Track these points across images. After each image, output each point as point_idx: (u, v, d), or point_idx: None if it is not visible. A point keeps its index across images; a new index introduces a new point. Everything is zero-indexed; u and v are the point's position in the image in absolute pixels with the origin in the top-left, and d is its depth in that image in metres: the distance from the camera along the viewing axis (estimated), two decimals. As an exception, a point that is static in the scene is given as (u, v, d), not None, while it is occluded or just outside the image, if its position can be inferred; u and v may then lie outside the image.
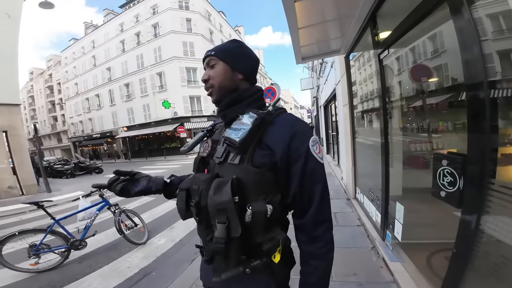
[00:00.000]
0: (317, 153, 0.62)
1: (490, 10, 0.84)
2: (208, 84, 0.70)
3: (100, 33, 25.24)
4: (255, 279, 0.64)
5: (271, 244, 0.60)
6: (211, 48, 0.73)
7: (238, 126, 0.63)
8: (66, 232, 2.68)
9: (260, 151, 0.62)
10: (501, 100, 0.85)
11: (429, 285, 1.44)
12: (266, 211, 0.58)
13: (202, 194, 0.62)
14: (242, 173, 0.60)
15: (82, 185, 9.34)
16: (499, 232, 0.87)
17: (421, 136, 2.03)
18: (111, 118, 24.68)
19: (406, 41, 1.84)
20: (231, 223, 0.57)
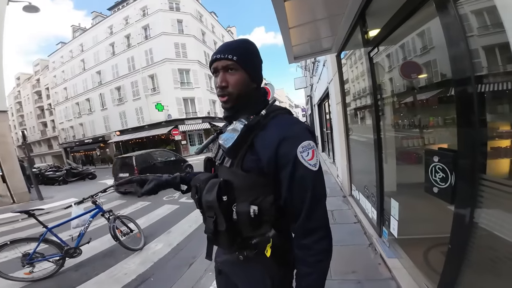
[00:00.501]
0: (307, 159, 0.60)
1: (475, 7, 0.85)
2: (226, 91, 0.68)
3: (88, 36, 24.75)
4: (251, 268, 0.71)
5: (260, 239, 0.66)
6: (225, 48, 0.68)
7: (229, 133, 0.66)
8: (59, 240, 2.64)
9: (250, 156, 0.64)
10: (488, 95, 0.87)
11: (427, 281, 1.44)
12: (248, 211, 0.62)
13: (200, 191, 0.71)
14: (232, 176, 0.66)
15: (76, 191, 9.16)
16: (493, 226, 0.88)
17: (413, 131, 2.06)
18: (103, 123, 24.24)
19: (395, 38, 1.86)
20: (218, 218, 0.65)
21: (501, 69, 0.84)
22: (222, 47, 0.69)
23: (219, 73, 0.69)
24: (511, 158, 0.87)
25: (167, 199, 5.73)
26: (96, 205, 2.94)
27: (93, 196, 2.94)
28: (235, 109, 0.71)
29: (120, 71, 22.22)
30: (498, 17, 0.76)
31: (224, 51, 0.67)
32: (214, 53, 0.70)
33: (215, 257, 0.89)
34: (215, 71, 0.70)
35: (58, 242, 2.62)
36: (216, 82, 0.70)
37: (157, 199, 5.79)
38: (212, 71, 0.72)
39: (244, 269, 0.73)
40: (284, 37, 2.65)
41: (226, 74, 0.68)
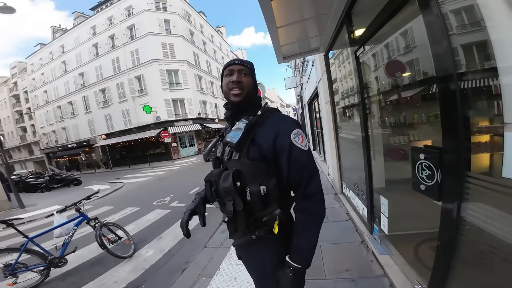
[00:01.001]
0: (299, 142, 0.80)
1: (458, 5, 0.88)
2: (241, 85, 0.87)
3: (70, 37, 23.73)
4: (260, 247, 0.88)
5: (269, 217, 0.80)
6: (240, 59, 0.91)
7: (234, 131, 0.84)
8: (42, 250, 2.54)
9: (253, 147, 0.82)
10: (469, 91, 0.90)
11: (418, 277, 1.46)
12: (259, 191, 0.79)
13: (216, 183, 0.86)
14: (241, 166, 0.82)
15: (60, 198, 8.77)
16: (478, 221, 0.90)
17: (399, 129, 2.12)
18: (88, 126, 23.31)
19: (380, 37, 1.91)
20: (235, 201, 0.81)
21: (480, 66, 0.87)
22: (237, 58, 0.92)
23: (234, 73, 0.88)
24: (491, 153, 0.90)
25: (158, 204, 5.58)
26: (80, 212, 2.84)
27: (76, 204, 2.84)
28: (241, 106, 0.89)
29: (104, 72, 21.44)
30: (479, 15, 0.79)
31: (240, 60, 0.91)
32: (232, 60, 0.91)
33: (233, 244, 1.03)
34: (230, 72, 0.89)
35: (41, 252, 2.53)
36: (228, 80, 0.88)
37: (147, 204, 5.64)
38: (226, 73, 0.90)
39: (254, 249, 0.89)
40: (272, 36, 2.66)
41: (240, 75, 0.88)
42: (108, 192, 8.39)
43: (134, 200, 6.55)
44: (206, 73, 24.55)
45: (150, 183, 9.40)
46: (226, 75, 0.90)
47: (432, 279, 1.21)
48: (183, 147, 20.37)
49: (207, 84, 24.51)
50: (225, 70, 0.91)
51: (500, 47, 0.74)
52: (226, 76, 0.89)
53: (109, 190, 8.72)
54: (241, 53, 46.51)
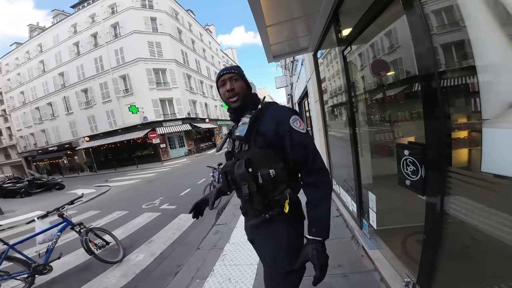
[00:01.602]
0: (297, 126, 0.91)
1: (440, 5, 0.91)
2: (235, 92, 0.99)
3: (48, 36, 22.43)
4: (274, 226, 0.97)
5: (281, 197, 0.90)
6: (227, 68, 1.03)
7: (241, 126, 0.98)
8: (25, 257, 2.44)
9: (259, 137, 0.93)
10: (450, 89, 0.95)
11: (407, 271, 1.49)
12: (268, 173, 0.90)
13: (232, 172, 0.96)
14: (251, 154, 0.93)
15: (41, 204, 8.35)
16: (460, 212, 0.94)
17: (384, 126, 2.20)
18: (69, 128, 22.19)
19: (366, 37, 1.96)
20: (249, 184, 0.91)
21: (459, 65, 0.92)
22: (225, 68, 1.03)
23: (226, 83, 1.00)
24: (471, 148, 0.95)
25: (147, 207, 5.44)
26: (64, 218, 2.73)
27: (59, 209, 2.73)
28: (241, 108, 1.02)
29: (86, 72, 20.49)
30: (458, 15, 0.83)
31: (228, 69, 1.02)
32: (221, 71, 1.02)
33: (245, 228, 1.17)
34: (223, 83, 1.01)
35: (24, 259, 2.43)
36: (224, 90, 1.00)
37: (136, 208, 5.48)
38: (220, 84, 1.03)
39: (268, 228, 0.98)
40: (262, 35, 2.66)
41: (232, 82, 0.99)
42: (93, 196, 8.06)
43: (121, 203, 6.34)
44: (195, 72, 24.14)
45: (139, 186, 9.13)
46: (220, 86, 1.02)
47: (420, 272, 1.24)
48: (172, 148, 19.93)
49: (197, 83, 24.12)
50: (218, 82, 1.03)
51: (478, 46, 0.78)
52: (221, 87, 1.02)
53: (94, 194, 8.38)
54: (231, 52, 46.12)
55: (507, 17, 0.66)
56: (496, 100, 0.75)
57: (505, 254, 0.80)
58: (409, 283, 1.39)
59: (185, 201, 5.39)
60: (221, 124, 29.36)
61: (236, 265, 2.24)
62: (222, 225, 3.34)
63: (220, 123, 28.77)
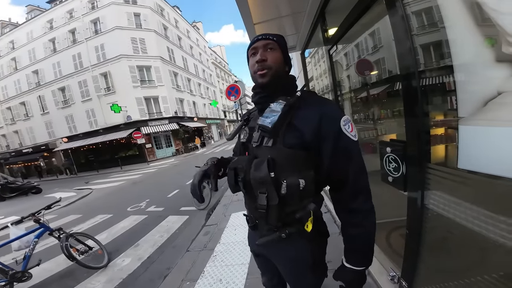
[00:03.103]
0: (349, 131, 0.70)
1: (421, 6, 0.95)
2: (266, 65, 0.75)
3: (21, 32, 20.84)
4: (292, 245, 0.77)
5: (303, 213, 0.70)
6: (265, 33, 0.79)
7: (269, 113, 0.72)
8: (1, 265, 2.32)
9: (290, 133, 0.70)
10: (429, 88, 0.99)
11: (392, 265, 1.54)
12: (298, 184, 0.67)
13: (246, 172, 0.75)
14: (276, 153, 0.71)
15: (17, 208, 7.84)
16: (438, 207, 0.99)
17: (368, 124, 2.28)
18: (45, 129, 20.82)
19: (351, 37, 2.02)
20: (269, 193, 0.70)
21: (437, 65, 0.97)
22: (262, 34, 0.80)
23: (258, 52, 0.77)
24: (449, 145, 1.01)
25: (132, 210, 5.25)
26: (40, 223, 2.59)
27: (34, 214, 2.58)
28: (272, 87, 0.77)
29: (63, 69, 19.28)
30: (437, 16, 0.87)
31: (265, 34, 0.78)
32: (255, 36, 0.80)
33: (251, 246, 0.97)
34: (254, 52, 0.78)
35: (0, 267, 2.30)
36: (253, 61, 0.77)
37: (120, 211, 5.26)
38: (250, 54, 0.80)
39: (284, 248, 0.79)
40: (250, 33, 2.64)
41: (265, 52, 0.76)
42: (74, 200, 7.64)
43: (105, 207, 6.06)
44: (182, 69, 23.56)
45: (123, 188, 8.78)
46: (251, 55, 0.80)
47: (404, 265, 1.28)
48: (159, 148, 19.35)
49: (184, 81, 23.55)
50: (249, 50, 0.81)
51: (455, 46, 0.82)
52: (251, 57, 0.79)
53: (75, 198, 7.94)
54: (219, 50, 45.56)
55: (483, 17, 0.70)
56: (471, 99, 0.79)
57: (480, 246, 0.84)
58: (394, 277, 1.44)
59: (173, 202, 5.26)
60: (210, 123, 28.96)
61: (227, 266, 2.23)
62: (212, 225, 3.30)
63: (209, 122, 28.36)
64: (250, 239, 0.98)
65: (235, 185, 0.82)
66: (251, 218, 0.84)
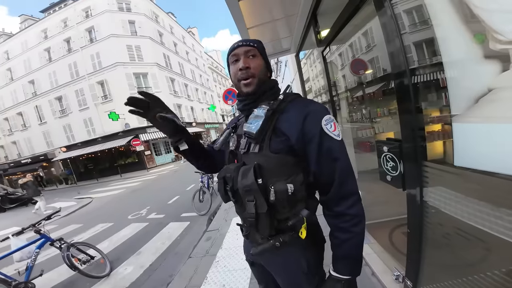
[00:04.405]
0: (331, 131, 0.67)
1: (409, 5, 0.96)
2: (250, 72, 0.74)
3: (16, 42, 20.84)
4: (286, 252, 0.75)
5: (296, 220, 0.67)
6: (244, 39, 0.77)
7: (253, 120, 0.72)
8: (3, 276, 2.32)
9: (276, 138, 0.69)
10: (421, 86, 1.00)
11: (396, 264, 1.53)
12: (286, 189, 0.65)
13: (234, 180, 0.72)
14: (262, 160, 0.69)
15: (17, 219, 7.82)
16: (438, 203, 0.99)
17: (365, 122, 2.29)
18: (43, 139, 20.73)
19: (344, 37, 2.04)
20: (257, 201, 0.67)
21: (429, 62, 0.97)
22: (241, 40, 0.78)
23: (239, 59, 0.75)
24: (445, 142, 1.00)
25: (133, 217, 5.21)
26: (41, 234, 2.58)
27: (35, 225, 2.57)
28: (257, 95, 0.76)
29: (59, 79, 19.25)
30: (426, 14, 0.88)
31: (245, 41, 0.76)
32: (235, 43, 0.77)
33: (246, 255, 0.95)
34: (236, 59, 0.76)
35: (3, 278, 2.31)
36: (235, 69, 0.75)
37: (121, 219, 5.23)
38: (231, 61, 0.77)
39: (279, 256, 0.77)
40: (244, 37, 2.67)
41: (247, 59, 0.74)
42: (74, 209, 7.59)
43: (105, 215, 6.02)
44: (179, 75, 23.61)
45: (123, 196, 8.73)
46: (232, 63, 0.77)
47: (408, 264, 1.27)
48: (158, 154, 19.29)
49: (181, 86, 23.59)
50: (229, 57, 0.78)
51: (445, 43, 0.83)
52: (232, 64, 0.77)
53: (75, 207, 7.90)
54: (215, 54, 45.86)
55: (470, 14, 0.71)
56: (463, 95, 0.80)
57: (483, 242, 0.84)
58: (398, 276, 1.42)
59: (174, 209, 5.23)
60: (209, 128, 28.95)
61: (230, 271, 2.21)
62: (214, 231, 3.28)
63: (207, 126, 28.35)
64: (245, 248, 0.96)
65: (225, 194, 0.79)
66: (245, 227, 0.82)
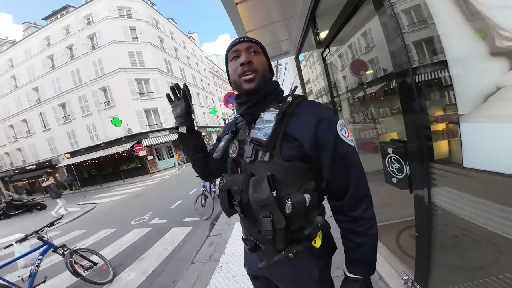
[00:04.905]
0: (346, 136, 0.65)
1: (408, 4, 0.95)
2: (253, 67, 0.67)
3: (19, 49, 21.25)
4: (298, 264, 0.70)
5: (311, 229, 0.64)
6: (244, 36, 0.72)
7: (262, 125, 0.65)
8: (7, 283, 2.33)
9: (287, 144, 0.64)
10: (424, 85, 0.98)
11: (404, 268, 1.48)
12: (304, 200, 0.61)
13: (243, 193, 0.65)
14: (275, 169, 0.63)
15: (22, 225, 7.88)
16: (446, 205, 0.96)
17: (368, 123, 2.26)
18: (47, 145, 20.96)
19: (343, 38, 2.02)
20: (275, 216, 0.61)
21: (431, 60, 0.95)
22: (242, 36, 0.72)
23: (240, 55, 0.68)
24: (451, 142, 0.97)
25: (136, 223, 5.20)
26: (44, 241, 2.59)
27: (38, 232, 2.58)
28: (260, 95, 0.69)
29: (63, 85, 19.53)
30: (426, 13, 0.87)
31: (246, 37, 0.71)
32: (235, 39, 0.71)
33: (248, 268, 0.88)
34: (236, 55, 0.69)
35: (6, 285, 2.32)
36: (236, 64, 0.69)
37: (124, 224, 5.22)
38: (231, 57, 0.71)
39: (289, 267, 0.72)
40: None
41: (248, 55, 0.68)
42: (78, 215, 7.61)
43: (109, 221, 6.02)
44: (180, 80, 23.79)
45: (126, 201, 8.75)
46: (232, 59, 0.70)
47: (416, 268, 1.23)
48: (160, 159, 19.35)
49: (182, 91, 23.76)
50: (229, 53, 0.71)
51: (447, 41, 0.81)
52: (232, 61, 0.70)
53: (79, 213, 7.92)
54: (216, 59, 46.21)
55: (473, 11, 0.69)
56: (469, 94, 0.77)
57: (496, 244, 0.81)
58: (407, 280, 1.37)
59: (176, 214, 5.21)
60: (211, 131, 29.02)
61: (233, 277, 2.18)
62: (217, 236, 3.25)
63: (209, 130, 28.43)
64: (247, 261, 0.88)
65: (230, 208, 0.72)
66: (249, 241, 0.75)
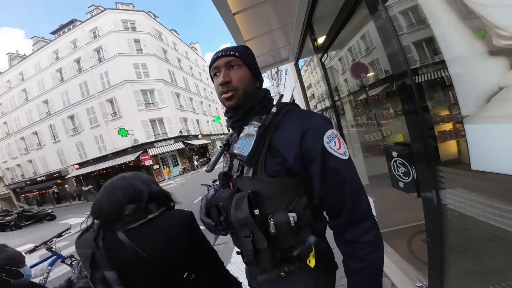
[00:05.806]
0: (336, 149, 0.58)
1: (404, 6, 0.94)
2: (230, 86, 0.65)
3: (30, 63, 22.24)
4: (294, 281, 0.64)
5: (302, 249, 0.59)
6: (225, 48, 0.68)
7: (243, 140, 0.62)
8: None
9: (272, 158, 0.60)
10: (425, 87, 0.95)
11: (417, 274, 1.43)
12: (288, 220, 0.56)
13: (228, 210, 0.62)
14: (258, 185, 0.60)
15: (33, 236, 7.98)
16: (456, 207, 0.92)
17: (372, 125, 2.22)
18: (57, 157, 21.49)
19: (342, 42, 2.02)
20: (255, 236, 0.58)
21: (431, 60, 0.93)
22: (223, 49, 0.69)
23: (220, 71, 0.66)
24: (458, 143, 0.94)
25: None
26: (53, 251, 2.59)
27: (46, 243, 2.59)
28: (243, 109, 0.67)
29: (71, 98, 20.20)
30: (423, 14, 0.86)
31: (225, 50, 0.67)
32: (215, 54, 0.68)
33: (249, 280, 0.84)
34: (216, 71, 0.68)
35: None
36: (217, 83, 0.67)
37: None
38: (212, 74, 0.70)
39: (285, 284, 0.66)
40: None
41: (228, 71, 0.66)
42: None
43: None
44: (184, 90, 24.28)
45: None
46: (214, 75, 0.69)
47: (430, 274, 1.17)
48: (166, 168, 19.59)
49: (186, 100, 24.19)
50: (211, 70, 0.70)
51: (444, 41, 0.80)
52: (215, 77, 0.69)
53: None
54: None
55: (466, 10, 0.68)
56: (471, 94, 0.75)
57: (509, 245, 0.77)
58: (421, 287, 1.32)
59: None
60: (215, 139, 29.25)
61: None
62: (222, 244, 3.20)
63: (213, 138, 28.66)
64: (247, 274, 0.86)
65: (215, 227, 0.70)
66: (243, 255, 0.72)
